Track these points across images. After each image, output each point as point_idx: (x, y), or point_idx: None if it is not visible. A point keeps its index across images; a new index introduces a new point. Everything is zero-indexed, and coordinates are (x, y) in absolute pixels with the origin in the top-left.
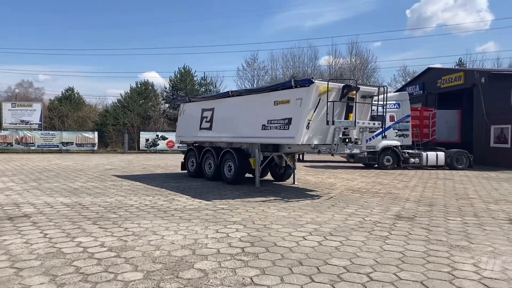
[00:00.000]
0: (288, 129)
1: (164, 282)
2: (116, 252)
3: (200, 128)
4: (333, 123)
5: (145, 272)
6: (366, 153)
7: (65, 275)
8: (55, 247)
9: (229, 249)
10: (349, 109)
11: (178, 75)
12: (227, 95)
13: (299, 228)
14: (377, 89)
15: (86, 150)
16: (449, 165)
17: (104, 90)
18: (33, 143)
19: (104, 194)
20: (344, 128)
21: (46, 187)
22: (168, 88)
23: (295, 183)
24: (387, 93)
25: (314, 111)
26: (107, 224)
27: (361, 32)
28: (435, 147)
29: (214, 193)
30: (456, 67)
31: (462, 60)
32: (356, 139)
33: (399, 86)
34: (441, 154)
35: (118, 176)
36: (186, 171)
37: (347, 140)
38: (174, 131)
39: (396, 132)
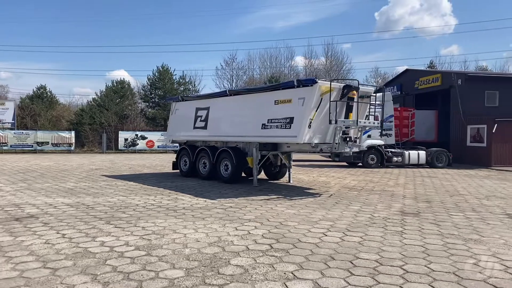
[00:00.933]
0: (290, 128)
1: (209, 279)
2: (145, 250)
3: (194, 127)
4: (336, 122)
5: (184, 269)
6: (351, 152)
7: (105, 274)
8: (80, 247)
9: (257, 245)
10: (349, 109)
11: (157, 74)
12: (224, 94)
13: (315, 225)
14: (373, 89)
15: (63, 150)
16: (429, 163)
17: (70, 88)
18: (5, 143)
19: (103, 194)
20: (346, 127)
21: (38, 188)
22: (146, 86)
23: (291, 182)
24: (384, 94)
25: (316, 111)
26: (121, 223)
27: (332, 34)
28: (415, 146)
29: (215, 192)
30: (428, 69)
31: (433, 62)
32: (356, 138)
33: None
34: (422, 153)
35: (108, 176)
36: (177, 171)
37: (347, 139)
38: (153, 130)
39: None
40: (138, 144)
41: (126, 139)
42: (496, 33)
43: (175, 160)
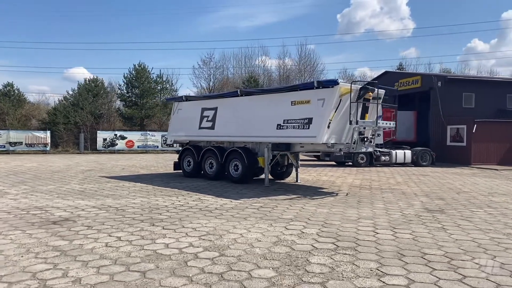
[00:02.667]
0: (308, 128)
1: (305, 277)
2: (216, 251)
3: (200, 128)
4: (356, 123)
5: (271, 268)
6: (343, 152)
7: (197, 275)
8: (146, 249)
9: (321, 244)
10: (365, 110)
11: (133, 72)
12: (234, 94)
13: (358, 224)
14: (384, 91)
15: (37, 150)
16: (414, 162)
17: (26, 86)
18: None
19: (120, 196)
20: (364, 128)
21: (45, 190)
22: (121, 85)
23: (298, 181)
24: (397, 96)
25: (335, 112)
26: (166, 225)
27: (295, 35)
28: (398, 145)
29: (233, 192)
30: (398, 70)
31: (402, 65)
32: (372, 137)
33: None
34: (408, 152)
35: (109, 178)
36: (178, 171)
37: (365, 139)
38: (133, 130)
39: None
40: (117, 144)
41: (104, 139)
42: (451, 37)
43: (177, 160)
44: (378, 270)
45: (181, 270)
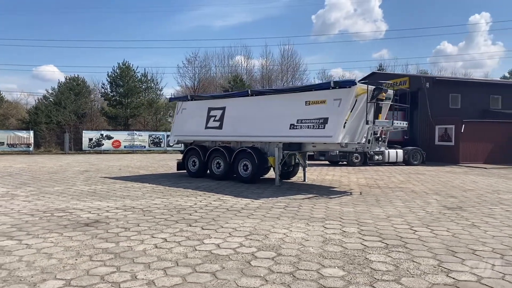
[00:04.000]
0: (324, 128)
1: (377, 274)
2: (271, 251)
3: (206, 127)
4: (374, 123)
5: (336, 267)
6: (337, 151)
7: (269, 275)
8: (201, 250)
9: (370, 243)
10: (378, 110)
11: (118, 71)
12: (244, 94)
13: (391, 221)
14: (393, 91)
15: (20, 151)
16: (406, 161)
17: None
18: None
19: (137, 197)
20: (378, 128)
21: (54, 191)
22: (106, 84)
23: (306, 181)
24: (409, 97)
25: (351, 112)
26: (204, 225)
27: (271, 35)
28: (390, 145)
29: (248, 192)
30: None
31: (382, 66)
32: (384, 137)
33: None
34: (400, 152)
35: (112, 178)
36: (182, 171)
37: (379, 139)
38: (116, 130)
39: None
40: (103, 144)
41: (90, 139)
42: (422, 39)
43: (180, 160)
44: (441, 266)
45: (249, 270)
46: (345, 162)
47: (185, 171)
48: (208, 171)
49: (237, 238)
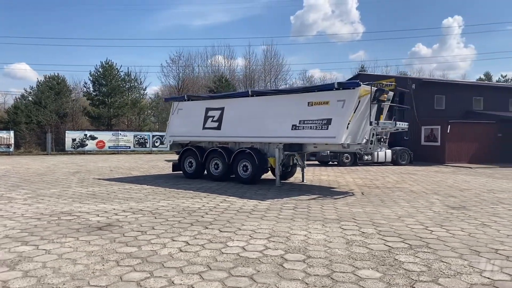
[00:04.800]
0: (327, 129)
1: (413, 275)
2: (300, 253)
3: (204, 128)
4: (377, 124)
5: (369, 269)
6: (328, 151)
7: (307, 278)
8: (228, 253)
9: (393, 243)
10: (380, 111)
11: (100, 70)
12: (244, 94)
13: (404, 221)
14: (392, 93)
15: (0, 151)
16: (394, 161)
17: None
18: None
19: (140, 199)
20: (382, 129)
21: (50, 194)
22: (88, 83)
23: (304, 181)
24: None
25: (354, 113)
26: (221, 227)
27: (250, 35)
28: None
29: (251, 193)
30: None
31: (364, 67)
32: (385, 138)
33: None
34: (389, 152)
35: (107, 180)
36: (177, 172)
37: (382, 140)
38: (99, 130)
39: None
40: (87, 144)
41: (74, 139)
42: (397, 41)
43: (176, 161)
44: (471, 266)
45: (285, 273)
46: (335, 162)
47: (181, 172)
48: (206, 172)
49: (259, 241)
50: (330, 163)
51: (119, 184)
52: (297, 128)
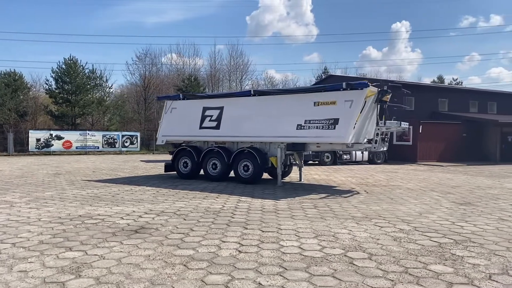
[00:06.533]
0: (334, 129)
1: (482, 268)
2: (360, 251)
3: (201, 127)
4: (384, 124)
5: (437, 264)
6: (310, 151)
7: (389, 274)
8: (289, 253)
9: (437, 238)
10: (382, 111)
11: (63, 67)
12: (246, 94)
13: (428, 218)
14: (391, 93)
15: None
16: (370, 160)
17: None
18: None
19: (152, 201)
20: (387, 129)
21: (48, 196)
22: (50, 80)
23: (302, 180)
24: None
25: (360, 113)
26: (260, 227)
27: (204, 34)
28: None
29: (259, 193)
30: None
31: (327, 69)
32: (387, 137)
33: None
34: (365, 152)
35: (99, 181)
36: (170, 173)
37: (385, 139)
38: (63, 129)
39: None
40: (52, 145)
41: (38, 139)
42: (349, 44)
43: (170, 161)
44: None
45: (364, 271)
46: (316, 162)
47: (174, 172)
48: (202, 172)
49: (310, 240)
50: (311, 162)
51: (115, 186)
52: (302, 127)
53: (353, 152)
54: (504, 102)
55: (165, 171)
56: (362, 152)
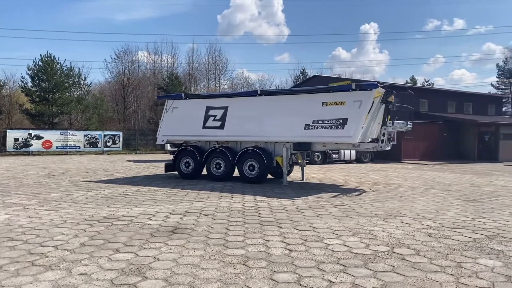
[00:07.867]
0: (343, 128)
1: None
2: (405, 247)
3: (204, 127)
4: (392, 124)
5: (484, 258)
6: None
7: (448, 268)
8: (339, 251)
9: (470, 234)
10: (387, 112)
11: (40, 64)
12: (252, 94)
13: (446, 214)
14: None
15: None
16: (357, 159)
17: None
18: None
19: (167, 201)
20: (393, 128)
21: (56, 198)
22: (26, 78)
23: (304, 180)
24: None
25: (368, 113)
26: (295, 226)
27: (176, 33)
28: None
29: (271, 192)
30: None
31: (304, 69)
32: (393, 137)
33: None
34: (353, 151)
35: (101, 182)
36: (171, 173)
37: (391, 139)
38: (42, 129)
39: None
40: (32, 145)
41: (16, 139)
42: (319, 45)
43: (171, 161)
44: None
45: (421, 266)
46: (307, 161)
47: (174, 172)
48: (206, 172)
49: (350, 238)
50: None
51: (120, 187)
52: (310, 127)
53: (342, 151)
54: (479, 103)
55: (165, 171)
56: (350, 151)
